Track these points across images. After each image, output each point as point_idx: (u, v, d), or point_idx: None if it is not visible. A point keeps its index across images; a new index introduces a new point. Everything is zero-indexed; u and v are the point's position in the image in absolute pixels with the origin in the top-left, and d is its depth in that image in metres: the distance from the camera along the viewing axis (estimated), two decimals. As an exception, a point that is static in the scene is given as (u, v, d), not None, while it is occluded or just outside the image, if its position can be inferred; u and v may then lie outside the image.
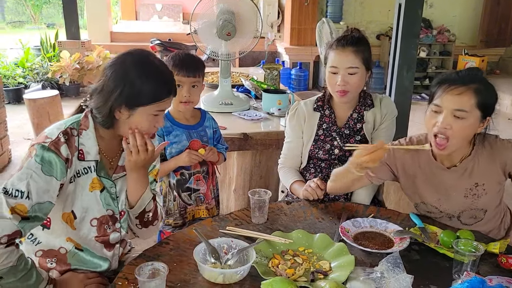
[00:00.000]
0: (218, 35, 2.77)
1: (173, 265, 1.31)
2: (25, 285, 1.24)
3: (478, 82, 1.48)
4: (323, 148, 1.90)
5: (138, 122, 1.34)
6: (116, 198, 1.43)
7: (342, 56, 1.78)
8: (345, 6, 7.02)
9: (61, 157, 1.26)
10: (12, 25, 15.20)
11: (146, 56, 1.35)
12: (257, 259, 1.32)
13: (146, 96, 1.31)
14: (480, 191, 1.59)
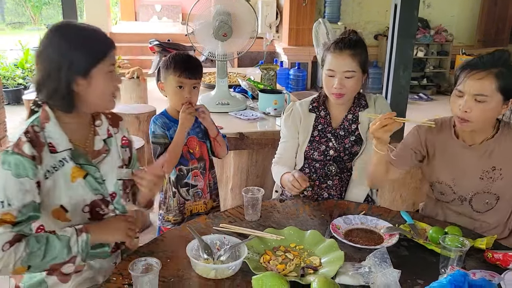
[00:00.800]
0: (215, 36, 2.80)
1: (167, 261, 1.34)
2: (53, 255, 1.26)
3: (501, 65, 1.51)
4: (318, 149, 1.92)
5: (99, 87, 1.34)
6: (102, 181, 1.44)
7: (340, 59, 1.79)
8: (343, 6, 7.05)
9: (26, 156, 1.26)
10: (12, 26, 15.23)
11: (67, 25, 1.37)
12: (249, 255, 1.35)
13: (93, 55, 1.31)
14: (497, 175, 1.62)
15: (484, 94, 1.50)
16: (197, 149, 1.96)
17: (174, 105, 1.90)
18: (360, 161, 1.92)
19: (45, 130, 1.33)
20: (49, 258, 1.26)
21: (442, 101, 6.74)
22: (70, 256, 1.28)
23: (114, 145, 1.52)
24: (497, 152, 1.62)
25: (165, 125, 1.89)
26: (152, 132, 1.88)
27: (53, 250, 1.26)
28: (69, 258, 1.28)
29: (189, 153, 1.93)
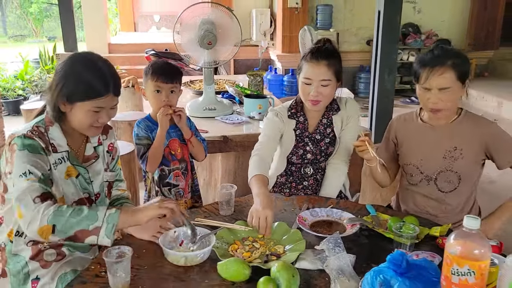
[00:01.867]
0: (200, 44, 2.93)
1: (143, 251, 1.46)
2: (79, 218, 1.32)
3: (453, 56, 1.71)
4: (297, 153, 2.03)
5: (78, 117, 1.49)
6: (90, 182, 1.62)
7: (316, 69, 1.88)
8: (335, 13, 7.20)
9: (38, 143, 1.44)
10: (14, 39, 15.46)
11: (89, 56, 1.51)
12: (218, 244, 1.47)
13: (82, 92, 1.45)
14: (458, 154, 1.80)
15: (448, 86, 1.70)
16: (179, 150, 2.08)
17: (154, 108, 2.03)
18: (333, 160, 2.04)
19: (49, 132, 1.51)
20: (74, 220, 1.32)
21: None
22: (95, 226, 1.32)
23: (101, 152, 1.70)
24: (458, 134, 1.80)
25: (148, 128, 2.02)
26: (136, 134, 2.01)
27: (80, 213, 1.33)
28: (94, 228, 1.32)
29: (171, 154, 2.06)
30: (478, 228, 1.02)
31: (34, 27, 15.41)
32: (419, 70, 1.74)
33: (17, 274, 1.55)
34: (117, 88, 1.51)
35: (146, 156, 1.97)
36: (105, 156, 1.71)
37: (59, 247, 1.58)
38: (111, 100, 1.50)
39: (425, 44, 7.28)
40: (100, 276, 1.32)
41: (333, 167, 2.04)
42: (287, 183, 2.07)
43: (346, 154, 2.04)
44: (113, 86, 1.49)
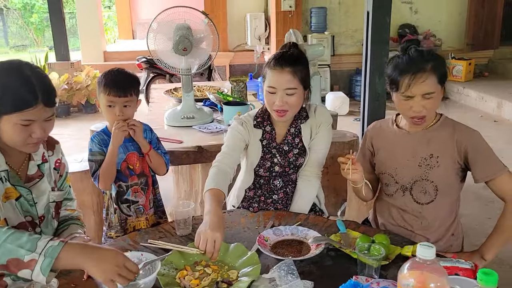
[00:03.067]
0: (175, 51, 2.81)
1: (81, 280, 1.33)
2: (16, 245, 1.15)
3: (431, 59, 1.59)
4: (264, 166, 1.88)
5: (7, 132, 1.33)
6: (34, 204, 1.47)
7: (280, 77, 1.74)
8: (330, 15, 7.07)
9: None
10: (15, 49, 15.51)
11: (14, 65, 1.34)
12: (165, 271, 1.34)
13: (7, 103, 1.30)
14: (434, 163, 1.67)
15: (432, 91, 1.58)
16: (138, 165, 1.94)
17: (108, 122, 1.90)
18: (303, 172, 1.90)
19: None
20: (10, 246, 1.15)
21: (433, 106, 6.68)
22: (31, 258, 1.15)
23: (47, 169, 1.55)
24: (435, 141, 1.67)
25: (103, 142, 1.89)
26: (90, 149, 1.88)
27: (18, 239, 1.17)
28: (29, 259, 1.15)
29: (129, 169, 1.92)
30: (433, 258, 0.88)
31: (35, 37, 15.44)
32: (397, 78, 1.60)
33: None
34: (48, 98, 1.34)
35: (98, 173, 1.84)
36: (52, 173, 1.58)
37: (1, 277, 1.45)
38: (42, 111, 1.33)
39: (422, 45, 7.12)
40: (29, 310, 1.19)
41: (303, 179, 1.89)
42: (255, 196, 1.93)
43: (317, 165, 1.90)
44: (42, 96, 1.32)
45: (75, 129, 5.94)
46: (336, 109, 6.03)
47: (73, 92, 6.45)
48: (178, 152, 2.49)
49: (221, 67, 7.32)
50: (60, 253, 1.16)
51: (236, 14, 7.40)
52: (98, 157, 1.86)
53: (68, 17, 12.16)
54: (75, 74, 6.55)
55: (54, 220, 1.58)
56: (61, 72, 6.50)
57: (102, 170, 1.83)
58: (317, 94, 3.34)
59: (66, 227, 1.62)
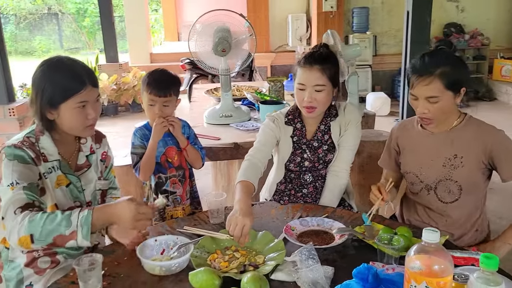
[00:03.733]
0: (214, 52, 2.94)
1: (124, 259, 1.47)
2: (53, 225, 1.31)
3: (443, 65, 1.59)
4: (294, 161, 1.98)
5: (67, 119, 1.51)
6: (82, 191, 1.65)
7: (309, 74, 1.83)
8: (372, 15, 7.04)
9: (27, 153, 1.48)
10: (69, 51, 16.27)
11: (55, 60, 1.53)
12: (197, 253, 1.45)
13: (61, 92, 1.48)
14: (458, 163, 1.69)
15: (435, 95, 1.59)
16: (176, 158, 2.08)
17: (149, 119, 2.05)
18: (333, 168, 1.97)
19: (39, 142, 1.54)
20: (50, 227, 1.31)
21: (479, 106, 6.49)
22: (71, 231, 1.31)
23: (94, 160, 1.72)
24: (459, 141, 1.69)
25: (144, 136, 2.04)
26: (132, 143, 2.04)
27: (54, 220, 1.32)
28: (70, 232, 1.31)
29: (168, 162, 2.07)
30: (437, 241, 0.94)
31: (87, 40, 16.15)
32: (409, 76, 1.65)
33: (11, 280, 1.60)
34: (92, 79, 1.53)
35: (139, 165, 1.99)
36: (98, 165, 1.74)
37: (53, 255, 1.62)
38: (91, 92, 1.52)
39: (469, 44, 6.95)
40: (76, 283, 1.33)
41: (332, 174, 1.97)
42: (286, 190, 2.03)
43: (346, 161, 1.97)
44: (88, 78, 1.51)
45: (122, 128, 6.23)
46: (377, 109, 6.00)
47: (121, 92, 6.77)
48: (216, 148, 2.61)
49: (262, 67, 7.43)
50: (92, 219, 1.33)
51: (278, 15, 7.49)
52: (139, 150, 2.01)
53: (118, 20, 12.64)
54: (123, 75, 6.87)
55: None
56: (110, 73, 6.84)
57: (143, 162, 1.98)
58: (354, 94, 3.38)
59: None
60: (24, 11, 15.91)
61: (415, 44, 3.87)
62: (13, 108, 3.90)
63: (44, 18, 16.56)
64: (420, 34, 3.88)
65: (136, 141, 2.03)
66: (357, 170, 2.94)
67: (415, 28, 3.88)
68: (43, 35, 16.36)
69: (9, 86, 4.01)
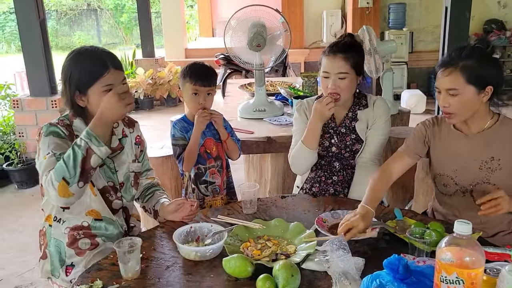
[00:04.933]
0: (249, 47, 2.99)
1: (161, 244, 1.54)
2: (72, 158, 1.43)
3: (466, 58, 1.57)
4: (322, 144, 2.03)
5: (97, 103, 1.55)
6: (115, 171, 1.72)
7: (333, 62, 1.91)
8: (409, 11, 6.91)
9: (62, 130, 1.57)
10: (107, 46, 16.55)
11: (79, 48, 1.62)
12: (231, 241, 1.50)
13: (86, 77, 1.56)
14: (495, 165, 1.65)
15: (455, 88, 1.58)
16: (214, 149, 2.14)
17: (191, 110, 2.11)
18: (361, 159, 2.00)
19: (73, 124, 1.64)
20: (70, 162, 1.43)
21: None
22: (85, 149, 1.44)
23: (128, 143, 1.78)
24: (495, 143, 1.65)
25: (184, 129, 2.11)
26: (172, 135, 2.10)
27: (69, 155, 1.44)
28: (85, 150, 1.44)
29: (206, 153, 2.13)
30: (469, 233, 0.95)
31: (124, 35, 16.53)
32: (436, 70, 1.64)
33: (55, 257, 1.69)
34: (115, 62, 1.60)
35: (182, 156, 2.06)
36: (133, 148, 1.79)
37: (93, 237, 1.70)
38: (116, 74, 1.59)
39: (510, 41, 6.74)
40: (116, 264, 1.40)
41: (361, 165, 2.01)
42: (316, 177, 2.07)
43: (374, 152, 2.00)
44: (110, 61, 1.58)
45: (157, 121, 6.38)
46: (412, 107, 5.91)
47: (156, 87, 6.92)
48: (249, 142, 2.66)
49: (296, 63, 7.43)
50: (91, 129, 1.47)
51: (312, 11, 7.47)
52: (181, 142, 2.08)
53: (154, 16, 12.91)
54: (159, 70, 7.02)
55: (133, 188, 1.80)
56: (147, 67, 7.00)
57: (187, 152, 2.06)
58: (389, 91, 3.35)
59: (151, 194, 1.85)
60: (65, 7, 16.43)
61: (453, 41, 3.79)
62: (55, 100, 4.07)
63: (84, 14, 17.05)
64: (459, 31, 3.80)
65: (176, 133, 2.10)
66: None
67: (453, 24, 3.80)
68: (82, 30, 16.85)
69: (52, 79, 4.18)
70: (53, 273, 1.69)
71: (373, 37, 3.66)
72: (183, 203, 1.68)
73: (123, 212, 1.77)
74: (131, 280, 1.34)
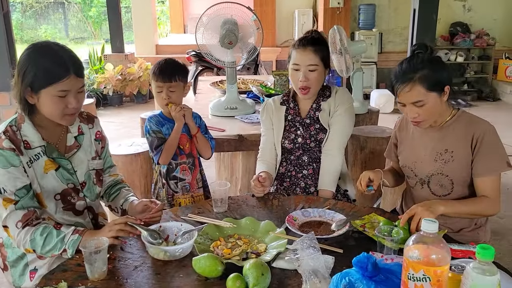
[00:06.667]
0: (221, 44, 2.97)
1: (129, 244, 1.50)
2: (50, 246, 1.46)
3: (420, 69, 1.61)
4: (288, 138, 2.08)
5: (47, 105, 1.49)
6: (74, 172, 1.65)
7: (303, 55, 1.98)
8: (379, 12, 7.04)
9: (6, 149, 1.47)
10: (74, 41, 16.29)
11: (44, 43, 1.52)
12: (201, 240, 1.48)
13: (43, 78, 1.45)
14: (448, 157, 1.72)
15: (420, 100, 1.63)
16: (187, 145, 2.13)
17: (159, 105, 2.09)
18: (325, 148, 2.06)
19: (21, 129, 1.54)
20: (48, 249, 1.47)
21: (482, 107, 6.52)
22: (62, 249, 1.47)
23: (86, 140, 1.71)
24: (450, 136, 1.72)
25: (159, 123, 2.10)
26: (148, 129, 2.09)
27: (51, 242, 1.46)
28: (62, 250, 1.47)
29: (179, 148, 2.11)
30: (436, 231, 0.97)
31: (93, 30, 16.15)
32: (393, 85, 1.68)
33: (17, 265, 1.63)
34: (78, 69, 1.50)
35: (161, 148, 2.04)
36: (92, 144, 1.73)
37: None
38: (74, 81, 1.49)
39: (475, 44, 6.95)
40: (82, 265, 1.36)
41: (326, 153, 2.06)
42: (287, 172, 2.11)
43: (338, 141, 2.05)
44: (73, 67, 1.48)
45: (126, 118, 6.28)
46: (381, 106, 6.02)
47: (126, 83, 6.80)
48: (220, 140, 2.64)
49: (268, 62, 7.44)
50: (80, 242, 1.45)
51: (284, 10, 7.50)
52: (158, 135, 2.06)
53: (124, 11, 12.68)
54: (129, 66, 6.91)
55: (96, 186, 1.74)
56: (116, 63, 6.87)
57: (168, 145, 2.05)
58: (359, 90, 3.40)
59: (116, 192, 1.81)
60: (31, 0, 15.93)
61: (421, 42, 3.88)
62: (19, 95, 3.93)
63: (50, 7, 16.58)
64: (426, 33, 3.89)
65: (152, 126, 2.08)
66: (359, 166, 2.97)
67: (421, 26, 3.90)
68: (49, 24, 16.38)
69: (16, 73, 4.04)
70: (16, 283, 1.64)
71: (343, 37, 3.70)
72: (148, 206, 1.66)
73: (88, 212, 1.72)
74: (97, 281, 1.30)
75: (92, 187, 1.72)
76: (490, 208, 1.66)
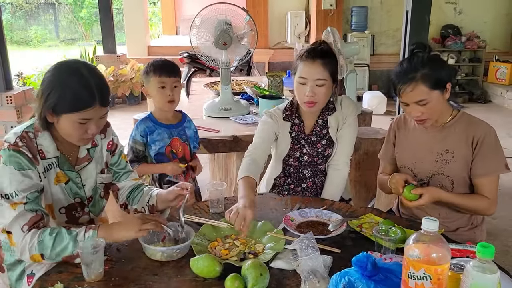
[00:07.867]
0: (215, 45, 2.96)
1: (125, 245, 1.49)
2: (62, 247, 1.36)
3: (421, 68, 1.61)
4: (293, 156, 1.99)
5: (65, 128, 1.45)
6: (82, 186, 1.61)
7: (311, 68, 1.83)
8: (371, 15, 7.07)
9: (24, 155, 1.42)
10: (65, 42, 16.19)
11: (75, 66, 1.44)
12: (198, 240, 1.47)
13: (67, 104, 1.40)
14: (449, 158, 1.73)
15: (423, 98, 1.63)
16: (180, 149, 2.11)
17: (159, 104, 2.06)
18: (333, 162, 2.00)
19: (38, 138, 1.49)
20: (59, 249, 1.36)
21: (473, 108, 6.56)
22: (77, 250, 1.35)
23: (97, 152, 1.67)
24: (451, 136, 1.73)
25: (148, 129, 2.06)
26: (132, 136, 2.05)
27: (62, 242, 1.36)
28: (77, 252, 1.35)
29: (172, 153, 2.09)
30: (436, 230, 0.97)
31: (84, 31, 16.05)
32: (395, 86, 1.68)
33: (14, 268, 1.59)
34: (104, 99, 1.45)
35: (135, 166, 1.99)
36: (103, 156, 1.68)
37: None
38: (98, 111, 1.45)
39: (466, 46, 7.01)
40: (78, 266, 1.35)
41: (333, 168, 2.00)
42: (285, 184, 2.05)
43: (346, 154, 2.00)
44: (99, 97, 1.42)
45: (118, 119, 6.23)
46: (373, 108, 6.04)
47: (118, 84, 6.76)
48: (215, 141, 2.64)
49: (260, 63, 7.44)
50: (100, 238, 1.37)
51: (277, 12, 7.50)
52: (139, 147, 2.04)
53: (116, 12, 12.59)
54: (121, 67, 6.87)
55: (103, 199, 1.72)
56: (108, 64, 6.83)
57: (141, 171, 2.03)
58: (352, 92, 3.41)
59: (140, 192, 1.75)
60: (21, 0, 15.79)
61: (414, 44, 3.90)
62: (10, 96, 3.89)
63: (41, 7, 16.46)
64: (419, 35, 3.90)
65: (137, 135, 2.04)
66: (353, 167, 2.98)
67: (413, 28, 3.90)
68: (39, 25, 16.25)
69: (7, 74, 3.99)
70: (13, 287, 1.60)
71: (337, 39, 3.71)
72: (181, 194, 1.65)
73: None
74: (94, 283, 1.29)
75: (98, 202, 1.68)
76: (486, 207, 1.68)
